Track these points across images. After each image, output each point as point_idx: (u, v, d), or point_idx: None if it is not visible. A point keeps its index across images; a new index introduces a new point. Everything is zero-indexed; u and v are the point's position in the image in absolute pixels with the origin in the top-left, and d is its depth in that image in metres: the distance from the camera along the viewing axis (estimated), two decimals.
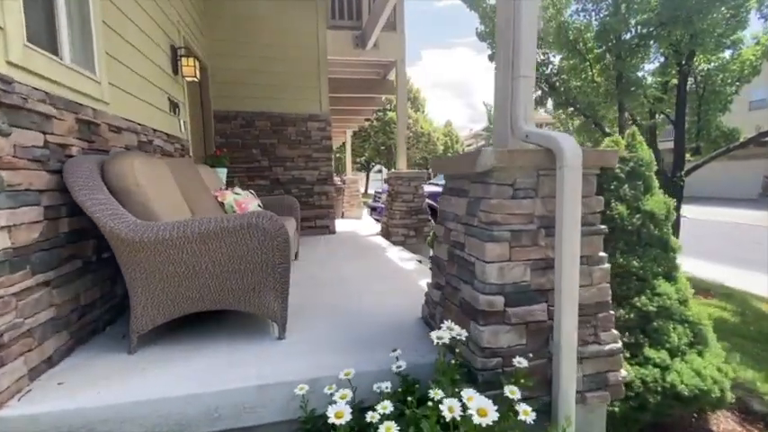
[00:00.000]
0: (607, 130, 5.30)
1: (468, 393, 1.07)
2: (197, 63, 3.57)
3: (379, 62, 6.05)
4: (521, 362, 1.38)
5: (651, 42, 4.51)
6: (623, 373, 1.65)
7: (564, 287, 1.45)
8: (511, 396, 1.28)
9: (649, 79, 5.72)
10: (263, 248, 1.73)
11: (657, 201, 2.06)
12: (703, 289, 5.25)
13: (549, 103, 5.55)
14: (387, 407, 1.13)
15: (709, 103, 5.47)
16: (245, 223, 1.68)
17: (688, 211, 16.47)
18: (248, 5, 4.97)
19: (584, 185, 1.62)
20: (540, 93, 5.53)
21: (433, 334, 1.35)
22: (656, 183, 2.17)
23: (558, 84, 5.35)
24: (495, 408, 1.07)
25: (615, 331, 1.66)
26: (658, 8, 4.01)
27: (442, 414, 1.04)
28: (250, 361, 1.67)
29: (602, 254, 1.66)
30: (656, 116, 5.69)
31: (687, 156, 5.63)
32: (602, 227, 1.65)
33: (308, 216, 5.44)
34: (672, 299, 1.93)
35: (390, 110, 18.31)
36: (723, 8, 4.95)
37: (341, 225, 6.68)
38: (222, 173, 3.87)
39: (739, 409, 2.57)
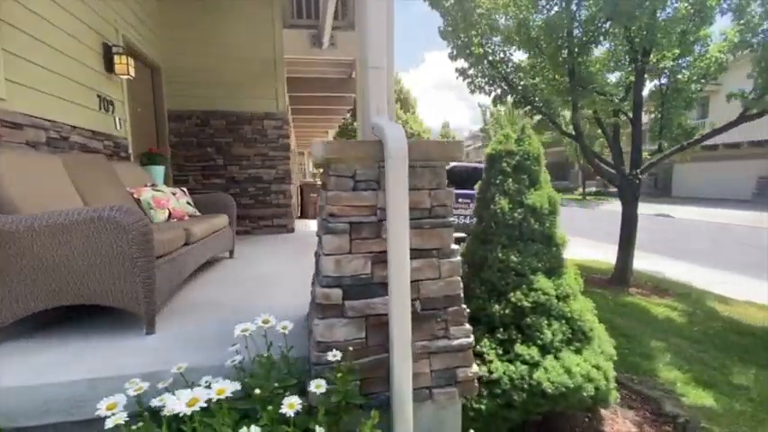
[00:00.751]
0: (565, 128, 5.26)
1: (221, 385, 1.04)
2: (131, 61, 3.57)
3: (341, 61, 6.03)
4: (335, 355, 1.35)
5: (601, 38, 4.46)
6: (474, 368, 1.62)
7: (393, 280, 1.42)
8: (316, 390, 1.25)
9: (612, 78, 5.67)
10: (119, 242, 1.72)
11: (541, 195, 2.03)
12: (663, 289, 5.19)
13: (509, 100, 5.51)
14: (164, 399, 1.11)
15: (671, 100, 5.41)
16: (96, 216, 1.67)
17: (683, 211, 16.28)
18: (203, 5, 4.98)
19: (432, 178, 1.60)
20: (499, 91, 5.49)
21: (239, 326, 1.32)
22: (544, 177, 2.13)
23: (515, 82, 5.31)
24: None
25: (468, 326, 1.63)
26: (601, 3, 3.97)
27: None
28: (97, 355, 1.66)
29: (453, 246, 1.63)
30: (620, 115, 5.63)
31: (646, 154, 5.57)
32: (451, 219, 1.63)
33: (266, 215, 5.43)
34: (549, 294, 1.89)
35: None
36: (686, 3, 4.91)
37: (313, 225, 6.67)
38: (158, 171, 3.87)
39: (652, 410, 2.52)
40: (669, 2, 4.68)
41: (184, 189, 3.52)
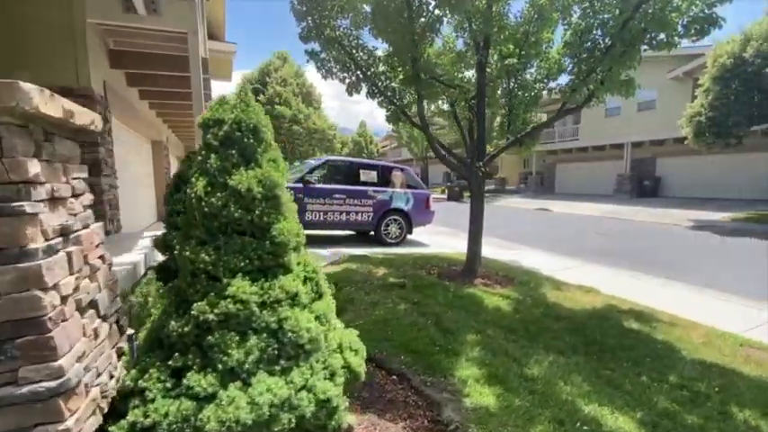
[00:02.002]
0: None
1: None
2: None
3: (168, 34, 5.19)
4: None
5: (438, 26, 4.36)
6: (70, 422, 1.10)
7: None
8: None
9: (468, 74, 5.72)
10: None
11: (254, 175, 1.59)
12: (510, 278, 5.34)
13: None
14: None
15: (517, 97, 5.61)
16: None
17: (560, 206, 17.97)
18: None
19: None
20: (354, 78, 5.17)
21: None
22: (270, 155, 1.72)
23: (367, 69, 5.03)
24: None
25: (60, 363, 1.10)
26: None
27: None
28: None
29: (35, 246, 1.09)
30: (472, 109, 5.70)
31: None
32: (28, 205, 1.09)
33: None
34: (248, 302, 1.46)
35: (279, 104, 17.34)
36: (528, 5, 5.08)
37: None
38: None
39: (432, 417, 2.28)
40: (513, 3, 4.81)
41: None
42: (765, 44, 10.57)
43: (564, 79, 5.19)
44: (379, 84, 5.01)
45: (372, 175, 7.64)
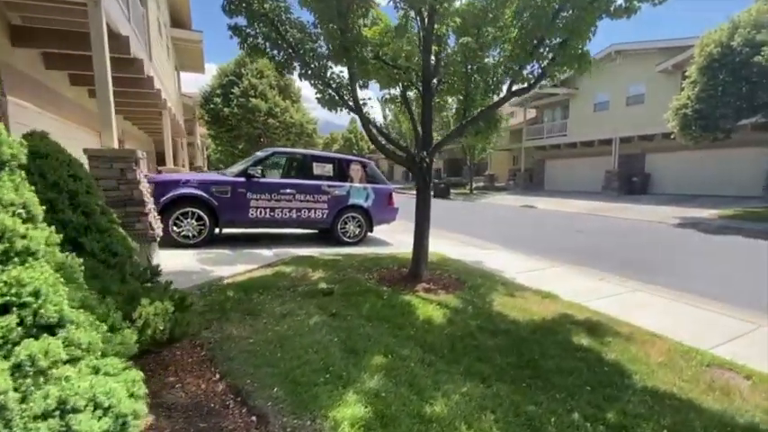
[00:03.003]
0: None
1: None
2: None
3: (72, 7, 4.55)
4: None
5: None
6: None
7: None
8: None
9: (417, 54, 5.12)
10: None
11: None
12: (462, 281, 4.77)
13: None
14: None
15: (474, 81, 5.03)
16: None
17: (545, 203, 17.46)
18: None
19: None
20: (285, 57, 4.56)
21: None
22: None
23: (298, 46, 4.43)
24: None
25: None
26: None
27: None
28: None
29: None
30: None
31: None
32: None
33: None
34: None
35: (254, 96, 16.62)
36: None
37: None
38: None
39: None
40: None
41: None
42: (754, 32, 10.03)
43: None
44: (312, 63, 4.40)
45: (327, 169, 7.04)
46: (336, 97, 4.42)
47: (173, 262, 4.96)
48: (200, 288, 4.01)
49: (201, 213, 6.03)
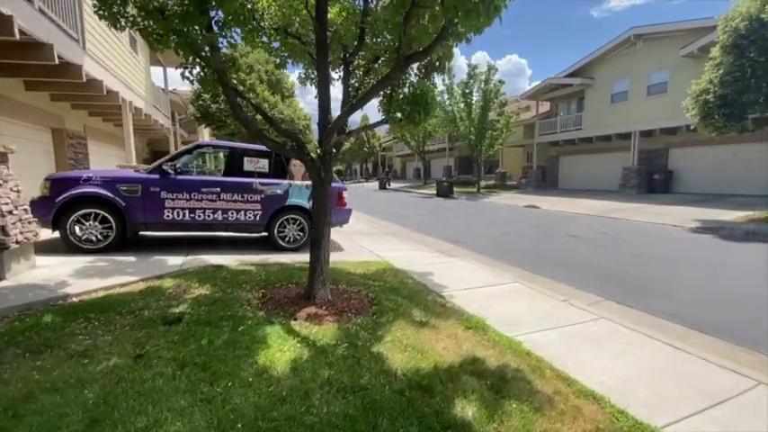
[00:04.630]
0: None
1: None
2: None
3: None
4: None
5: None
6: None
7: None
8: None
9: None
10: None
11: None
12: (372, 302, 3.81)
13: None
14: None
15: (374, 50, 4.03)
16: None
17: (550, 203, 16.07)
18: None
19: None
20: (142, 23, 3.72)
21: None
22: None
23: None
24: None
25: None
26: None
27: None
28: None
29: None
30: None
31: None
32: None
33: None
34: None
35: (243, 91, 15.91)
36: None
37: None
38: None
39: None
40: None
41: None
42: None
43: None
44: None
45: (262, 165, 6.19)
46: (201, 61, 3.52)
47: (44, 272, 4.25)
48: (21, 309, 3.23)
49: (106, 215, 5.31)
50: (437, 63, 4.54)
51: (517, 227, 10.42)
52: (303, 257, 5.86)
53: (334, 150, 3.70)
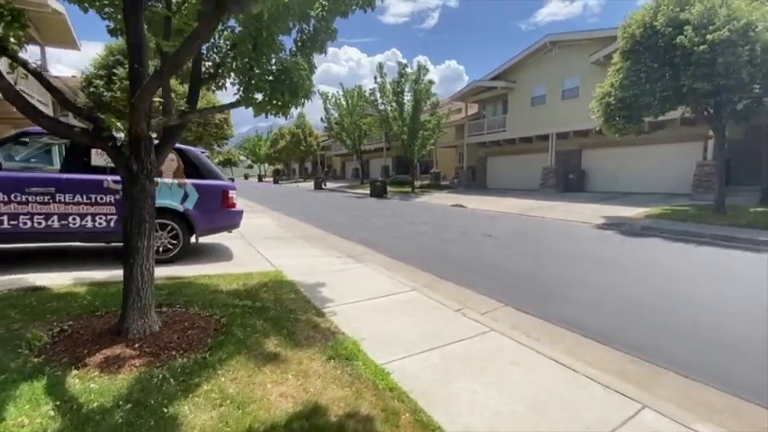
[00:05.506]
0: None
1: None
2: None
3: None
4: None
5: None
6: None
7: None
8: None
9: None
10: None
11: None
12: (217, 331, 3.00)
13: None
14: None
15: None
16: None
17: (476, 202, 16.24)
18: None
19: None
20: None
21: None
22: None
23: None
24: None
25: None
26: None
27: None
28: None
29: None
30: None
31: None
32: None
33: None
34: None
35: None
36: None
37: None
38: None
39: None
40: None
41: None
42: (677, 9, 9.04)
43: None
44: None
45: None
46: None
47: None
48: None
49: None
50: (316, 42, 3.90)
51: (437, 227, 10.14)
52: (175, 271, 4.87)
53: (153, 135, 2.84)
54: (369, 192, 22.57)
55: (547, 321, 3.81)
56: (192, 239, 5.63)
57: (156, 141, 3.05)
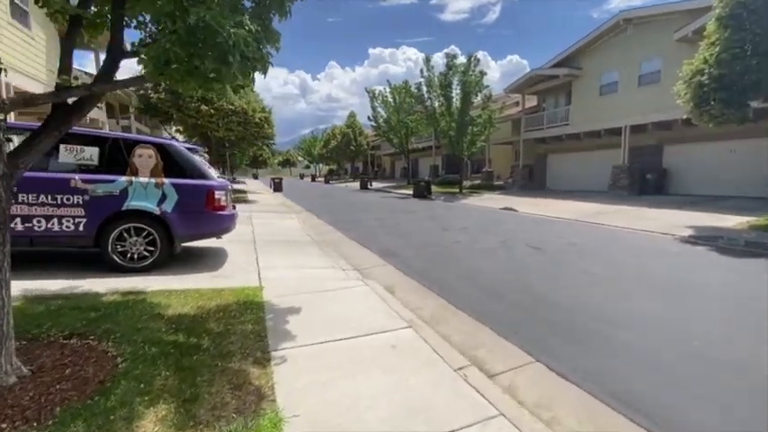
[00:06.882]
0: None
1: None
2: None
3: None
4: None
5: None
6: None
7: None
8: None
9: None
10: None
11: None
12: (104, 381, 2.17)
13: None
14: None
15: None
16: None
17: (529, 205, 14.42)
18: None
19: None
20: None
21: None
22: None
23: None
24: None
25: None
26: None
27: None
28: None
29: None
30: None
31: None
32: None
33: None
34: None
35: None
36: None
37: None
38: None
39: None
40: None
41: None
42: None
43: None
44: None
45: (89, 154, 4.55)
46: None
47: None
48: None
49: None
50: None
51: (475, 235, 8.76)
52: (140, 282, 4.25)
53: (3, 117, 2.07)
54: (412, 192, 21.43)
55: (591, 396, 2.48)
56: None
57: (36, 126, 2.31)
